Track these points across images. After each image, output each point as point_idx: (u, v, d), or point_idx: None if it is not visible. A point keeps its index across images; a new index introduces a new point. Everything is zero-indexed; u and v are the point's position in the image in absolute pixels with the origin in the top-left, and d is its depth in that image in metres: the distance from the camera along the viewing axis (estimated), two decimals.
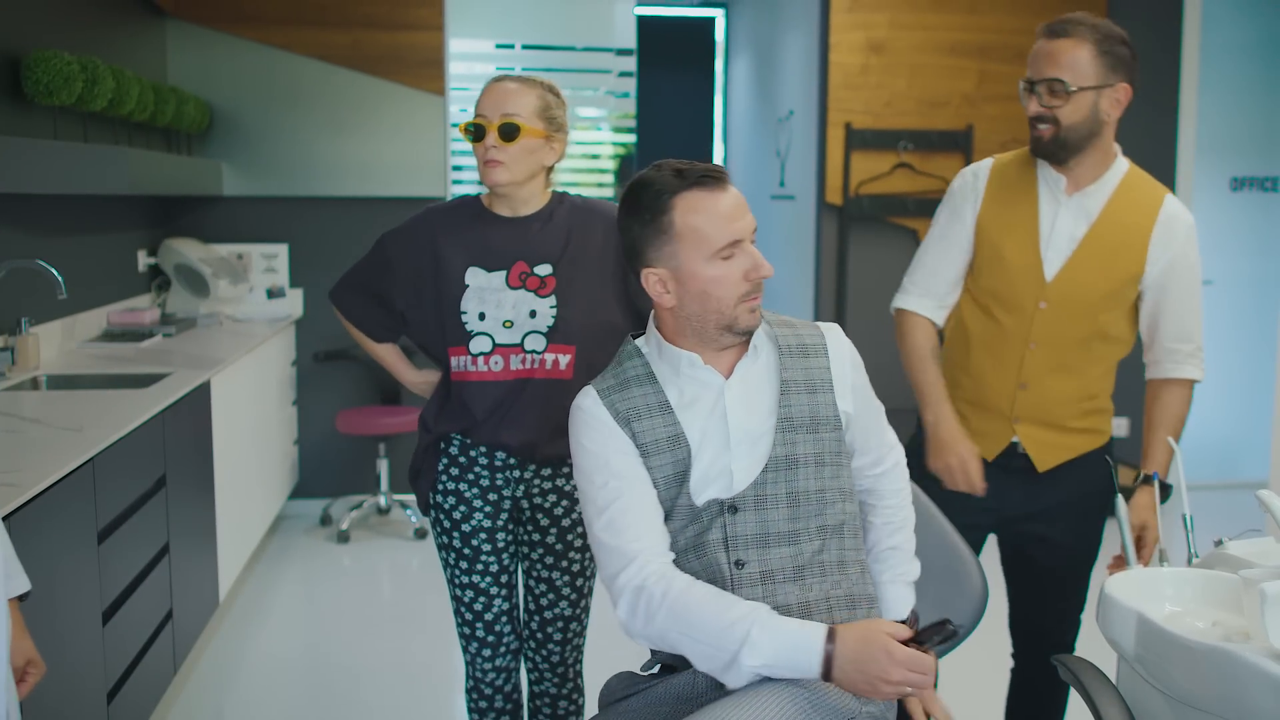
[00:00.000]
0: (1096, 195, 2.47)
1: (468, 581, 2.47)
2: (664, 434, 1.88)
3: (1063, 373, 2.51)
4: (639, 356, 1.95)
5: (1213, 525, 2.86)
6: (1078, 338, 2.48)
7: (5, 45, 3.56)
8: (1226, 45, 5.93)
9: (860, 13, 5.57)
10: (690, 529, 1.89)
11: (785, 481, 1.88)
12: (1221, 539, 2.12)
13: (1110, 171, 2.49)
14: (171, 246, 5.04)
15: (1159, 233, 2.46)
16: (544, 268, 2.37)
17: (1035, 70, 2.41)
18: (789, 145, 6.43)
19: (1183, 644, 1.69)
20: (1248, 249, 6.13)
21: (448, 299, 2.37)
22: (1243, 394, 6.18)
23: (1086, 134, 2.42)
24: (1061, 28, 2.40)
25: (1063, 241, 2.46)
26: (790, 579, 1.87)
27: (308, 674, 3.86)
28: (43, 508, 2.35)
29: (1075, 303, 2.45)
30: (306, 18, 5.40)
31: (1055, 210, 2.47)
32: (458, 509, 2.45)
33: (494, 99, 2.32)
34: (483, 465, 2.43)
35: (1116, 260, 2.45)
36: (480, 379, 2.37)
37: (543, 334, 2.36)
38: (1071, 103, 2.37)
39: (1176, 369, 2.53)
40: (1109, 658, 2.06)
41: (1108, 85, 2.39)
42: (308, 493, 5.60)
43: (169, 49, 5.28)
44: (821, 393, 1.93)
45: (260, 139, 5.38)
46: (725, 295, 1.84)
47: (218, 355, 4.02)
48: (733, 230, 1.82)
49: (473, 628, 2.50)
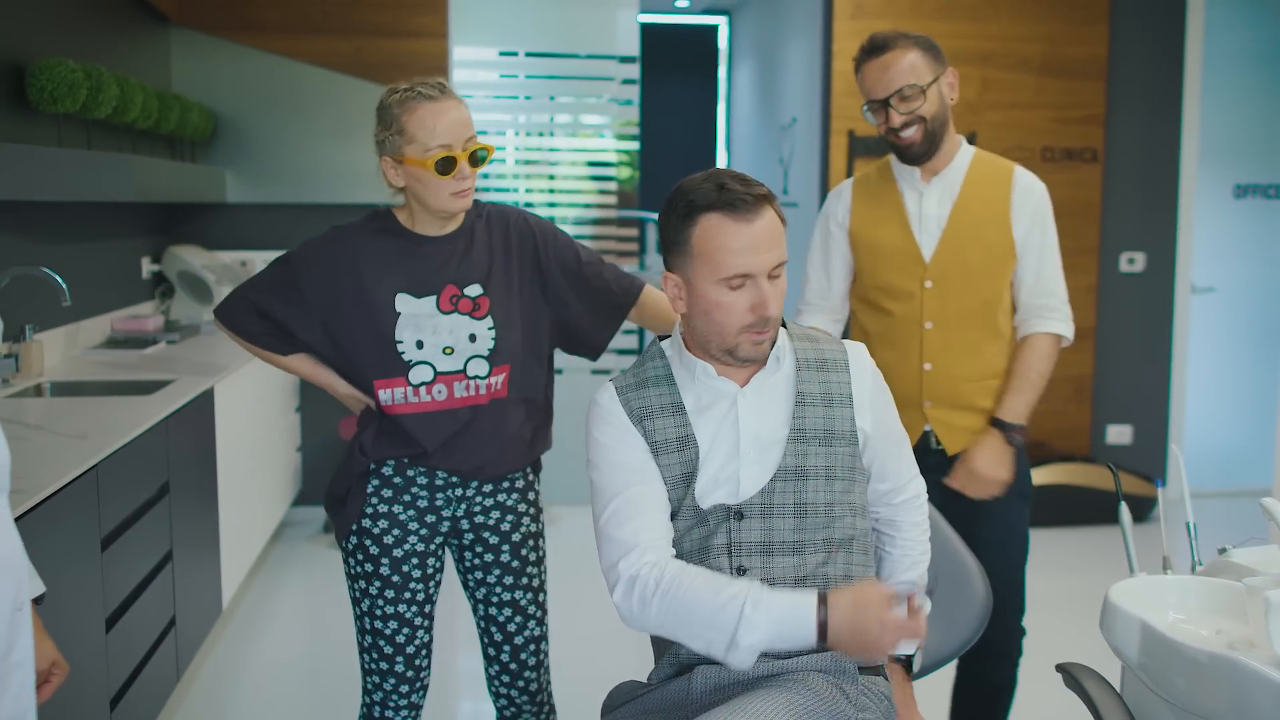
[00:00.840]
0: (952, 176, 2.66)
1: (391, 613, 2.30)
2: (674, 434, 1.90)
3: (961, 350, 2.64)
4: (661, 358, 1.97)
5: (1216, 533, 2.86)
6: (969, 311, 2.63)
7: (10, 53, 3.57)
8: (1229, 53, 5.93)
9: (863, 20, 5.57)
10: (696, 532, 1.90)
11: (794, 492, 1.89)
12: (1225, 547, 2.11)
13: (959, 156, 2.68)
14: (175, 253, 5.05)
15: (1016, 200, 2.64)
16: (474, 288, 2.25)
17: (880, 88, 2.57)
18: (792, 152, 6.44)
19: (1187, 652, 1.69)
20: (1251, 256, 6.13)
21: (379, 328, 2.21)
22: (1246, 401, 6.17)
23: (944, 122, 2.61)
24: (881, 43, 2.58)
25: (931, 223, 2.65)
26: (791, 588, 1.87)
27: (310, 681, 3.85)
28: (46, 515, 2.35)
29: (957, 276, 2.62)
30: (310, 25, 5.41)
31: (919, 198, 2.67)
32: (390, 533, 2.29)
33: (454, 127, 2.17)
34: (421, 485, 2.30)
35: (983, 231, 2.63)
36: (424, 410, 2.24)
37: (484, 358, 2.25)
38: (927, 99, 2.56)
39: (1041, 324, 2.65)
40: (1113, 665, 2.05)
41: (940, 74, 2.59)
42: (311, 500, 5.59)
43: (173, 56, 5.29)
44: (839, 407, 1.93)
45: (264, 146, 5.39)
46: (727, 322, 1.84)
47: (221, 362, 4.03)
48: (745, 264, 1.80)
49: (391, 662, 2.33)
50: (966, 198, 2.64)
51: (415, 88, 2.19)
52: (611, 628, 4.05)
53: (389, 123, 2.21)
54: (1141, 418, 6.01)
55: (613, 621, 4.03)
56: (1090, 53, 5.71)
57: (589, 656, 3.81)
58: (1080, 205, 5.73)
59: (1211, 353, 6.14)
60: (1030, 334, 2.66)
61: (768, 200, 1.83)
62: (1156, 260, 5.91)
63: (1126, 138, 5.83)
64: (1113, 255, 5.88)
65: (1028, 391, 2.62)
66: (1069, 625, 4.16)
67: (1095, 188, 5.77)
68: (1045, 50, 5.67)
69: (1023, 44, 5.63)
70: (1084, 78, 5.71)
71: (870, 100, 2.59)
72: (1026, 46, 5.65)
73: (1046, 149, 5.68)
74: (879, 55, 2.56)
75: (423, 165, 2.17)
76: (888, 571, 2.06)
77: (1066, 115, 5.71)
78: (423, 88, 2.18)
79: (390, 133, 2.21)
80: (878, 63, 2.56)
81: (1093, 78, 5.72)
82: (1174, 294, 5.94)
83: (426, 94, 2.18)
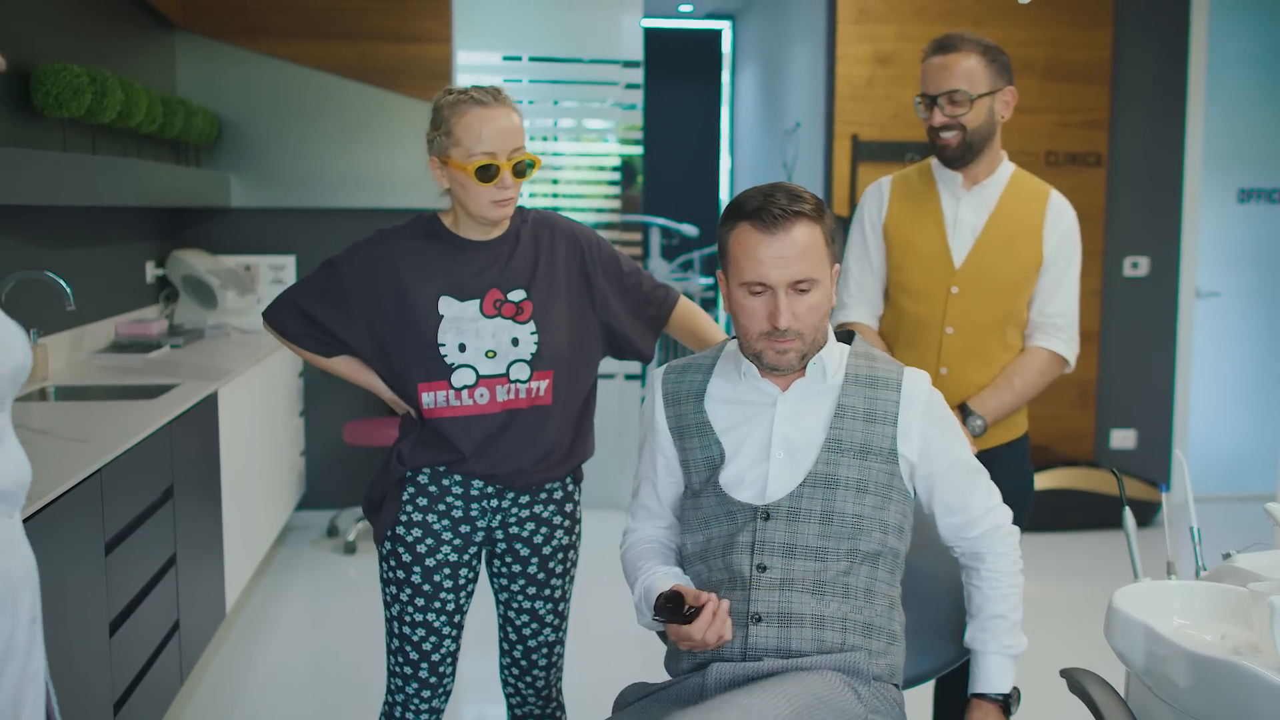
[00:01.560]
0: (991, 189, 2.70)
1: (420, 620, 2.33)
2: (693, 421, 2.02)
3: (978, 359, 2.67)
4: (719, 350, 2.09)
5: (1220, 538, 2.85)
6: (990, 322, 2.66)
7: (15, 57, 3.58)
8: (1234, 57, 5.93)
9: (867, 25, 5.58)
10: (724, 529, 1.95)
11: (822, 499, 1.92)
12: (1230, 552, 2.11)
13: (1000, 169, 2.71)
14: (179, 258, 5.06)
15: (1050, 220, 2.68)
16: (517, 293, 2.27)
17: (933, 85, 2.62)
18: (796, 157, 6.44)
19: (1191, 657, 1.69)
20: (1255, 261, 6.12)
21: (421, 332, 2.24)
22: (1250, 406, 6.17)
23: (986, 136, 2.64)
24: (949, 43, 2.61)
25: (966, 230, 2.68)
26: (808, 591, 1.89)
27: (314, 685, 3.85)
28: (50, 519, 2.35)
29: (984, 286, 2.65)
30: (315, 30, 5.42)
31: (956, 204, 2.70)
32: (423, 542, 2.30)
33: (499, 135, 2.18)
34: (456, 495, 2.31)
35: (1015, 247, 2.66)
36: (464, 413, 2.26)
37: (527, 362, 2.26)
38: (974, 109, 2.59)
39: (1045, 339, 2.69)
40: (1117, 671, 2.05)
41: (998, 90, 2.62)
42: (314, 504, 5.60)
43: (178, 61, 5.30)
44: (880, 424, 1.96)
45: (268, 151, 5.40)
46: (750, 326, 1.93)
47: (225, 366, 4.03)
48: (763, 273, 1.88)
49: (415, 667, 2.35)
50: (1003, 211, 2.67)
51: (469, 91, 2.21)
52: (621, 630, 4.05)
53: (439, 123, 2.23)
54: (1145, 422, 6.01)
55: (622, 625, 4.04)
56: (1094, 57, 5.71)
57: (599, 659, 3.81)
58: (1084, 210, 5.68)
59: (1215, 357, 6.14)
60: (1034, 346, 2.70)
61: (807, 217, 1.89)
62: (1160, 265, 5.91)
63: (1130, 142, 5.83)
64: (1117, 260, 5.88)
65: (1006, 393, 2.64)
66: (1073, 630, 4.16)
67: (1099, 192, 5.77)
68: (1049, 55, 5.67)
69: (1027, 48, 5.63)
70: (1088, 82, 5.71)
71: (923, 94, 2.63)
72: (1030, 51, 5.65)
73: (1050, 153, 5.68)
74: (943, 53, 2.61)
75: (464, 170, 2.19)
76: (976, 605, 2.03)
77: (1070, 119, 5.71)
78: (476, 93, 2.21)
79: (439, 133, 2.23)
80: (940, 60, 2.60)
81: (1097, 82, 5.72)
82: (1178, 298, 5.93)
83: (478, 99, 2.20)
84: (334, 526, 5.46)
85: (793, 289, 1.89)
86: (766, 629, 1.87)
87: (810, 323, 1.91)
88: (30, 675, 1.50)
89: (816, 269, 1.90)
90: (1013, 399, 2.64)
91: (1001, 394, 2.64)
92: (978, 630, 2.02)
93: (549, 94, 6.03)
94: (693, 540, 2.01)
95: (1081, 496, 5.49)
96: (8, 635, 1.43)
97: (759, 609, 1.88)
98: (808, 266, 1.88)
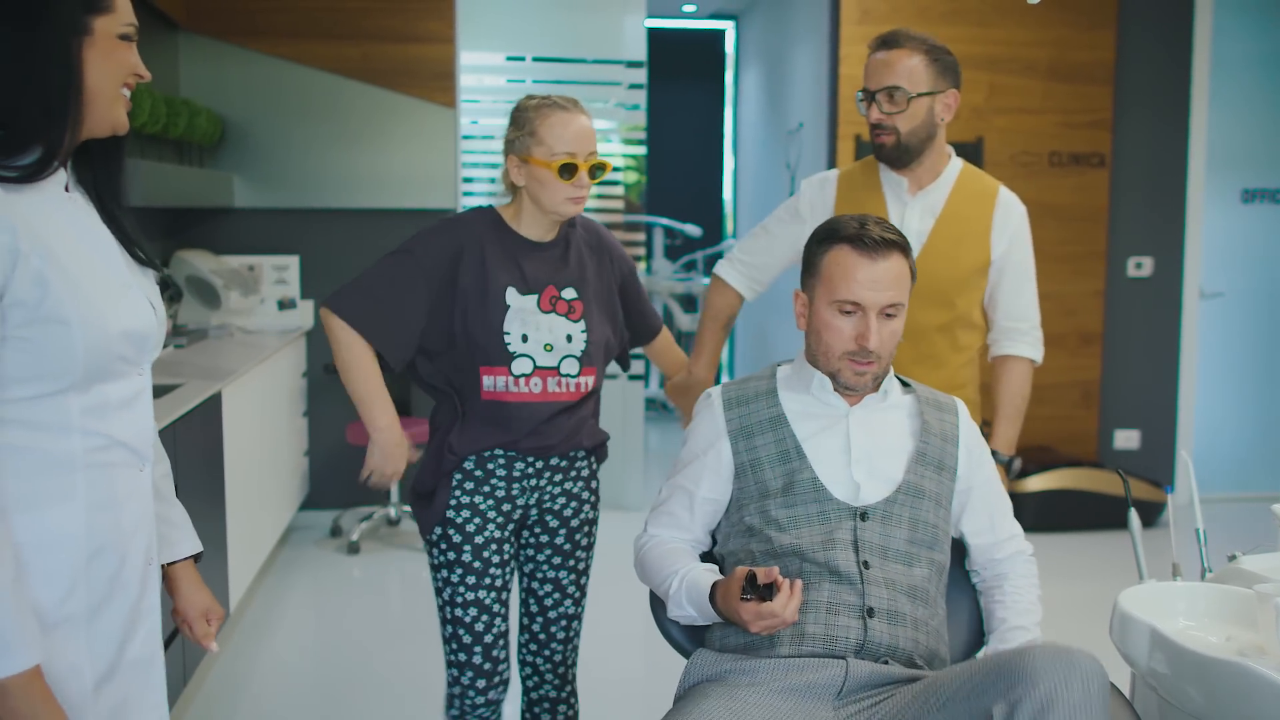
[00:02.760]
0: (937, 193, 2.66)
1: (472, 599, 2.44)
2: (766, 415, 2.09)
3: (928, 363, 2.64)
4: (771, 371, 2.19)
5: (1226, 539, 2.85)
6: (937, 325, 2.64)
7: None
8: (1237, 58, 5.93)
9: (870, 25, 5.57)
10: (818, 526, 1.99)
11: (910, 507, 2.01)
12: (1235, 553, 2.11)
13: (946, 170, 2.67)
14: (183, 258, 5.06)
15: (997, 220, 2.66)
16: (570, 292, 2.45)
17: (874, 81, 2.59)
18: (799, 158, 6.44)
19: (1197, 659, 1.68)
20: (1259, 261, 6.12)
21: (491, 318, 2.37)
22: (1255, 407, 6.16)
23: (925, 137, 2.59)
24: (893, 39, 2.59)
25: (911, 237, 2.62)
26: (904, 593, 1.96)
27: (318, 685, 3.85)
28: None
29: (930, 292, 2.59)
30: (318, 31, 5.42)
31: (902, 210, 2.66)
32: (472, 521, 2.44)
33: (580, 138, 2.36)
34: (499, 477, 2.45)
35: (961, 249, 2.64)
36: (520, 399, 2.40)
37: (576, 358, 2.43)
38: (910, 109, 2.55)
39: (1013, 346, 2.71)
40: (1123, 672, 2.05)
41: (940, 91, 2.58)
42: (318, 504, 5.60)
43: (181, 61, 5.31)
44: (950, 444, 2.11)
45: (272, 151, 5.40)
46: (834, 344, 2.04)
47: (229, 366, 4.03)
48: (859, 294, 2.00)
49: (470, 652, 2.45)
50: (949, 215, 2.65)
51: (551, 97, 2.41)
52: (626, 630, 4.05)
53: (523, 124, 2.39)
54: (1150, 423, 6.00)
55: (627, 624, 4.03)
56: (1098, 58, 5.70)
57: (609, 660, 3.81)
58: (1087, 210, 5.72)
59: (1220, 357, 6.13)
60: (1006, 356, 2.72)
61: (900, 248, 2.04)
62: (1164, 265, 5.90)
63: (1134, 143, 5.83)
64: (1120, 260, 5.87)
65: (1015, 420, 2.71)
66: (1078, 632, 4.15)
67: (1103, 193, 5.77)
68: (1052, 55, 5.66)
69: (1030, 49, 5.63)
70: (1091, 83, 5.70)
71: (864, 88, 2.62)
72: (1034, 51, 5.65)
73: (1054, 154, 5.68)
74: (886, 49, 2.59)
75: (547, 167, 2.35)
76: (998, 620, 2.09)
77: (1074, 120, 5.71)
78: (560, 99, 2.40)
79: (522, 134, 2.39)
80: (883, 56, 2.59)
81: (1100, 83, 5.71)
82: (1182, 299, 5.92)
83: (561, 105, 2.39)
84: (337, 527, 5.46)
85: (882, 313, 2.02)
86: (879, 624, 1.92)
87: (890, 347, 2.05)
88: (144, 610, 1.67)
89: (904, 297, 2.05)
90: (1020, 421, 2.71)
91: (1012, 425, 2.70)
92: (997, 642, 2.06)
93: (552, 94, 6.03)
94: (781, 536, 2.02)
95: (1085, 497, 5.48)
96: (114, 572, 1.59)
97: (873, 604, 1.94)
98: (898, 293, 2.03)
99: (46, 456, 1.51)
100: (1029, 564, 2.15)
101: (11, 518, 1.49)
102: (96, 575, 1.58)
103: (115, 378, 1.57)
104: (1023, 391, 2.72)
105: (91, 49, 1.52)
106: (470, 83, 5.90)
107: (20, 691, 1.45)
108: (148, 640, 1.70)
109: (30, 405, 1.49)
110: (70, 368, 1.50)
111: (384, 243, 2.92)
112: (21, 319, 1.46)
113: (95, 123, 1.56)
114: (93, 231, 1.60)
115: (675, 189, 8.79)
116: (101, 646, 1.60)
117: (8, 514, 1.49)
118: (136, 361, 1.62)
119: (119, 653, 1.63)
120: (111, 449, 1.58)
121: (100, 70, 1.53)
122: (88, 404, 1.53)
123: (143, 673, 1.69)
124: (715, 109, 8.87)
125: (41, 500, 1.51)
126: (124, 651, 1.64)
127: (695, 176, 8.96)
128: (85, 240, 1.57)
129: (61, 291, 1.48)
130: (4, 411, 1.48)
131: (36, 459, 1.50)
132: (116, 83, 1.56)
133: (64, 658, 1.54)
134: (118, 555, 1.61)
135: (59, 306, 1.48)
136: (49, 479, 1.52)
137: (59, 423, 1.51)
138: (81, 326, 1.49)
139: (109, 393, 1.57)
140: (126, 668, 1.65)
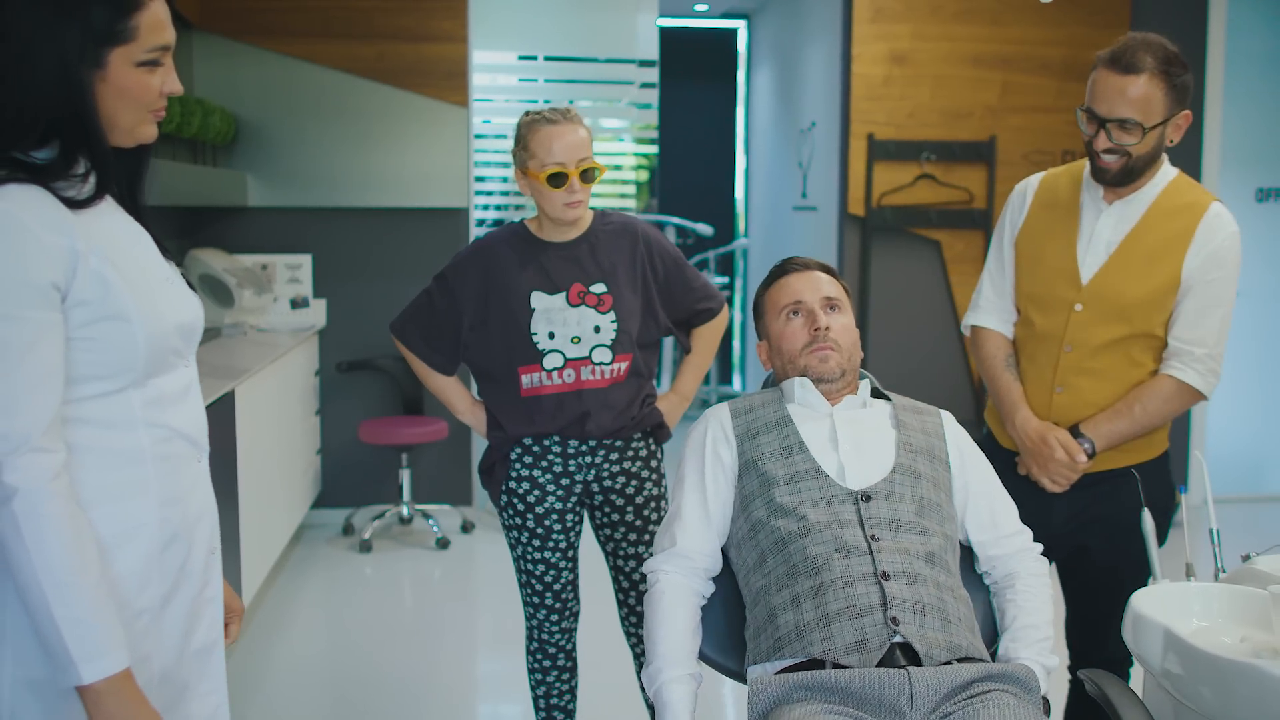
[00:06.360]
0: (1137, 203, 2.48)
1: (539, 558, 2.75)
2: (772, 417, 2.17)
3: (1096, 377, 2.50)
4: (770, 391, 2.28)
5: (1239, 540, 2.84)
6: (1110, 340, 2.48)
7: None
8: (1251, 56, 5.90)
9: (882, 24, 5.56)
10: (823, 510, 2.02)
11: (910, 486, 2.06)
12: (1249, 554, 2.10)
13: (1153, 180, 2.48)
14: (196, 257, 5.08)
15: (1199, 237, 2.43)
16: (599, 286, 2.66)
17: (1104, 106, 2.37)
18: (811, 156, 6.43)
19: (1211, 660, 1.68)
20: (1274, 260, 6.08)
21: (519, 323, 2.63)
22: (1270, 406, 6.13)
23: (1151, 160, 2.44)
24: (1132, 63, 2.34)
25: (1100, 246, 2.49)
26: (921, 559, 1.97)
27: (330, 684, 3.87)
28: None
29: (1109, 306, 2.46)
30: (332, 30, 5.43)
31: (1096, 217, 2.51)
32: (532, 493, 2.72)
33: (568, 148, 2.57)
34: (555, 454, 2.71)
35: (1152, 266, 2.45)
36: (555, 391, 2.65)
37: (608, 346, 2.66)
38: (1144, 140, 2.37)
39: (1177, 368, 2.46)
40: (1136, 672, 2.04)
41: (1173, 116, 2.39)
42: (330, 502, 5.62)
43: (195, 61, 5.32)
44: (935, 439, 2.18)
45: (285, 150, 5.42)
46: (793, 346, 2.21)
47: (242, 365, 4.05)
48: (797, 293, 2.24)
49: (541, 597, 2.78)
50: (1144, 227, 2.46)
51: (542, 112, 2.61)
52: None
53: (519, 140, 2.64)
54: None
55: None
56: None
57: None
58: None
59: (1234, 357, 6.07)
60: (1166, 374, 2.47)
61: (823, 267, 2.30)
62: None
63: None
64: None
65: (1123, 420, 2.46)
66: None
67: None
68: (1066, 54, 5.65)
69: (1043, 48, 5.61)
70: None
71: (1089, 109, 2.41)
72: (1047, 50, 5.63)
73: (1068, 152, 5.66)
74: (1122, 72, 2.35)
75: (539, 178, 2.59)
76: (1010, 618, 2.07)
77: None
78: (548, 113, 2.61)
79: (520, 149, 2.64)
80: (1117, 81, 2.35)
81: None
82: None
83: (549, 118, 2.59)
84: (349, 525, 5.47)
85: (825, 304, 2.22)
86: (897, 585, 1.92)
87: (847, 341, 2.21)
88: (207, 599, 1.71)
89: (842, 296, 2.26)
90: (1129, 426, 2.46)
91: (1117, 421, 2.46)
92: (1010, 640, 2.04)
93: (564, 93, 6.04)
94: (787, 522, 2.03)
95: None
96: (182, 561, 1.63)
97: (885, 568, 1.94)
98: (834, 292, 2.25)
99: (118, 452, 1.54)
100: (1039, 562, 2.14)
101: (92, 512, 1.51)
102: (168, 566, 1.61)
103: (168, 370, 1.60)
104: (1152, 404, 2.45)
105: (103, 82, 1.49)
106: (483, 82, 5.91)
107: (114, 694, 1.45)
108: (210, 628, 1.73)
109: (97, 403, 1.51)
110: (132, 363, 1.52)
111: (396, 241, 2.96)
112: (85, 318, 1.48)
113: (119, 141, 1.57)
114: (132, 229, 1.61)
115: (687, 188, 8.78)
116: (169, 637, 1.63)
117: (89, 510, 1.51)
118: (185, 353, 1.66)
119: (184, 641, 1.66)
120: (173, 440, 1.61)
121: (117, 104, 1.52)
122: (147, 398, 1.56)
123: (203, 660, 1.72)
124: (727, 108, 8.86)
125: (118, 494, 1.54)
126: (189, 640, 1.68)
127: (707, 175, 8.95)
128: (127, 237, 1.58)
129: (120, 288, 1.50)
130: (75, 411, 1.50)
131: (110, 455, 1.53)
132: (140, 110, 1.55)
133: (138, 649, 1.55)
134: (185, 545, 1.64)
135: (120, 303, 1.50)
136: (122, 473, 1.54)
137: (125, 418, 1.54)
138: (142, 321, 1.52)
139: (164, 386, 1.59)
140: (190, 657, 1.68)
